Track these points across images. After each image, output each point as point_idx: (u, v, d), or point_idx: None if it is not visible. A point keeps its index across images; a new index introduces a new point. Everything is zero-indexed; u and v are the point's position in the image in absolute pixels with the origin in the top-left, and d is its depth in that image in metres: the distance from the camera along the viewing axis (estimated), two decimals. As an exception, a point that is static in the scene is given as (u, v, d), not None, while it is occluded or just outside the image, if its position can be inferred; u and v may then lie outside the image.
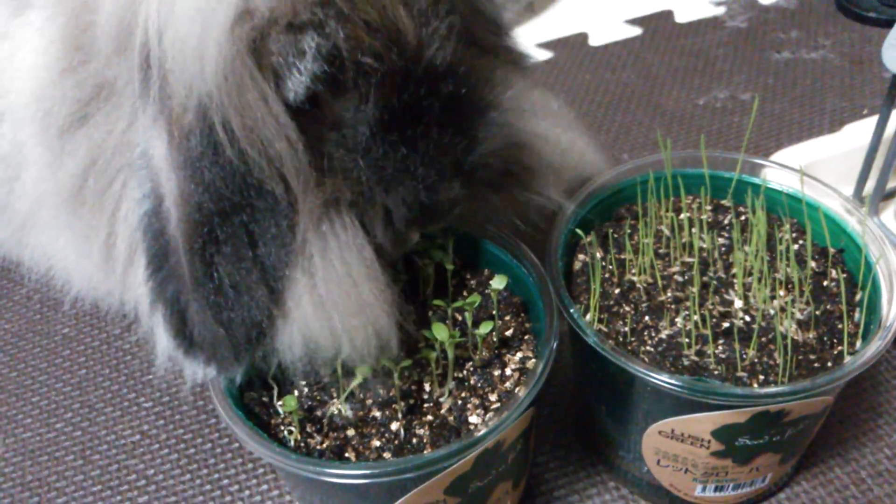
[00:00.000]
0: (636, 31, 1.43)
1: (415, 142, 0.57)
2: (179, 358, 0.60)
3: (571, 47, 1.41)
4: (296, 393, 0.65)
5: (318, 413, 0.64)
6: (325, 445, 0.62)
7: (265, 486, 0.80)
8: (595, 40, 1.42)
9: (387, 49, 0.54)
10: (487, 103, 0.62)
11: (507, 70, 0.68)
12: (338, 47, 0.53)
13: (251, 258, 0.57)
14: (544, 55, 1.39)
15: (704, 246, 0.73)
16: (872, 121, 0.90)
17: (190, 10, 0.51)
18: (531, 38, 1.44)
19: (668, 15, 1.46)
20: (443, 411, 0.63)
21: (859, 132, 1.04)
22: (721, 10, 1.45)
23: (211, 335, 0.58)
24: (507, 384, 0.64)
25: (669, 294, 0.70)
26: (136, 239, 0.60)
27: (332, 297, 0.57)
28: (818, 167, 0.99)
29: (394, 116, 0.56)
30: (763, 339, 0.65)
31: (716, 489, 0.71)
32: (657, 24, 1.44)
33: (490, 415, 0.62)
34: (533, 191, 0.68)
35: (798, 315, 0.67)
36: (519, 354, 0.66)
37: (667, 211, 0.77)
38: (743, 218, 0.76)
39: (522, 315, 0.70)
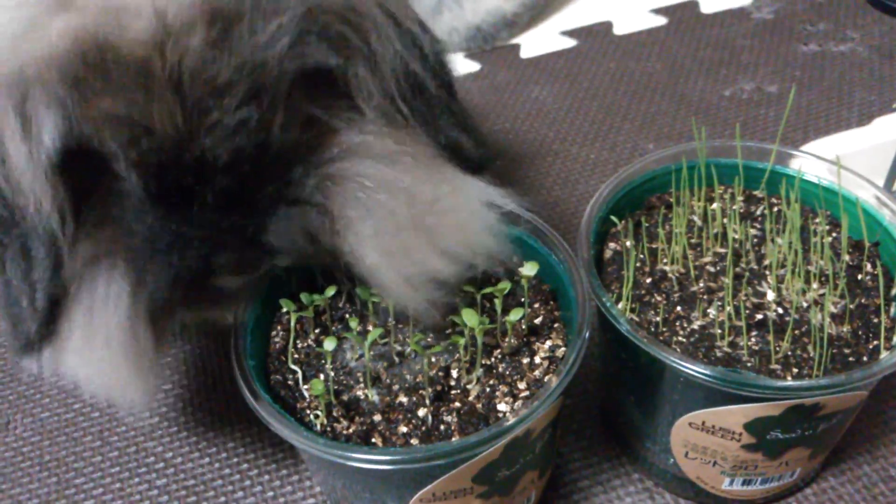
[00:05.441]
0: (661, 20, 1.41)
1: (190, 218, 0.56)
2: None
3: (596, 36, 1.39)
4: (322, 377, 0.65)
5: (345, 397, 0.63)
6: (351, 430, 0.61)
7: (285, 471, 0.80)
8: (620, 29, 1.40)
9: (132, 141, 0.53)
10: (287, 199, 0.58)
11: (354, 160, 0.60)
12: (78, 128, 0.52)
13: (23, 271, 0.58)
14: (568, 43, 1.38)
15: (737, 237, 0.72)
16: (905, 114, 0.89)
17: None
18: (556, 25, 1.43)
19: (693, 5, 1.44)
20: (471, 398, 0.62)
21: (889, 126, 1.03)
22: (748, 2, 1.43)
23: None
24: (537, 372, 0.63)
25: (702, 284, 0.68)
26: None
27: (93, 344, 0.58)
28: (847, 160, 0.97)
29: (159, 193, 0.56)
30: (796, 332, 0.64)
31: (744, 483, 0.70)
32: (682, 14, 1.42)
33: (519, 403, 0.61)
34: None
35: (832, 308, 0.66)
36: (548, 343, 0.65)
37: (699, 200, 0.76)
38: (776, 209, 0.75)
39: (552, 303, 0.69)
